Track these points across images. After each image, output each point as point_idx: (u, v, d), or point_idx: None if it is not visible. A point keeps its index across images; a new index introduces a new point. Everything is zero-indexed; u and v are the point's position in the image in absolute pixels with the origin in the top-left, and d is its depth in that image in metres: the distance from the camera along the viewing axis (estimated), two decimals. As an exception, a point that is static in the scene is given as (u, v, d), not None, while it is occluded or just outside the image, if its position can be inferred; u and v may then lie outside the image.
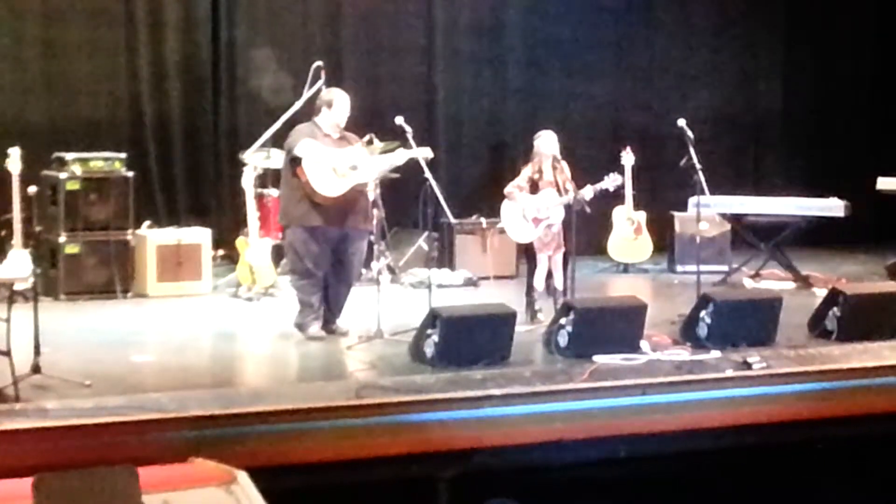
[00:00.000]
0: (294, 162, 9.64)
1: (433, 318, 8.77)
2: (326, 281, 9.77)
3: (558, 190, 10.37)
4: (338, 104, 9.83)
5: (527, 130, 11.88)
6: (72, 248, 11.36)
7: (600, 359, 8.71)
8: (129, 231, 11.60)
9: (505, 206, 10.55)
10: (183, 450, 6.84)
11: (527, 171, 10.51)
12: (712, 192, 10.92)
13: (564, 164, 10.50)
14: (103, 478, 6.24)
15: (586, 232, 11.20)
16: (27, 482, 6.09)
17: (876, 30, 16.18)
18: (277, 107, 12.16)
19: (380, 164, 10.03)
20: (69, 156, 11.48)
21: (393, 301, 10.69)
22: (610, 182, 10.35)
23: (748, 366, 8.62)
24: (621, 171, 12.85)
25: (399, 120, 10.08)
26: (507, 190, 10.52)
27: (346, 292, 9.90)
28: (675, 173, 11.48)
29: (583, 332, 8.96)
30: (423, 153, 9.95)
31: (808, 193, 13.34)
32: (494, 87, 14.70)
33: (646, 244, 13.66)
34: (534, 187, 10.42)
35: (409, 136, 9.97)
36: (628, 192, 13.27)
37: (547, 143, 10.51)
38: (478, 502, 7.73)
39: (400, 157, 10.02)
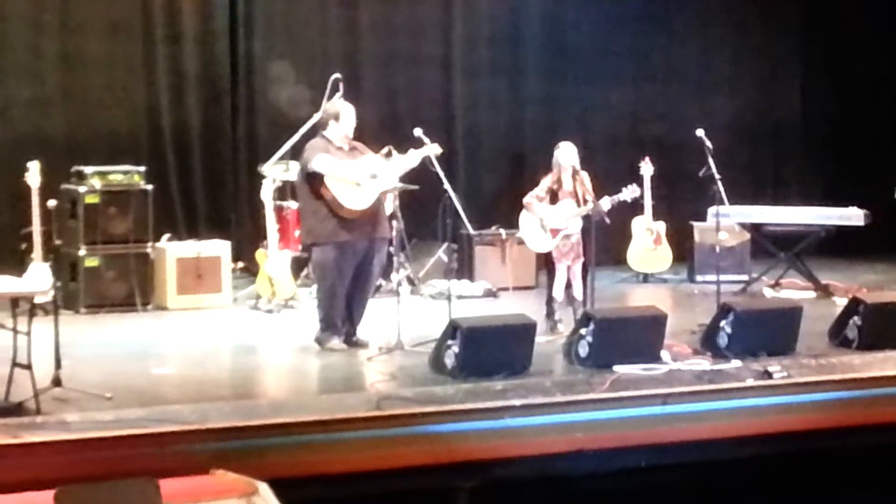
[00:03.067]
0: (315, 180, 9.59)
1: (453, 329, 8.77)
2: (347, 294, 9.75)
3: (577, 201, 10.38)
4: (344, 116, 9.83)
5: (545, 140, 11.87)
6: (91, 262, 11.37)
7: (621, 369, 8.70)
8: (149, 244, 11.61)
9: (523, 217, 10.56)
10: (204, 462, 6.85)
11: (546, 182, 10.51)
12: (731, 202, 10.91)
13: (584, 175, 10.51)
14: (124, 490, 6.25)
15: (606, 242, 11.19)
16: (49, 495, 6.10)
17: (893, 36, 16.12)
18: (296, 119, 12.14)
19: (396, 169, 10.02)
20: (88, 169, 11.50)
21: (413, 312, 10.69)
22: (628, 194, 10.37)
23: (769, 375, 8.59)
24: (640, 182, 12.85)
25: (418, 131, 10.10)
26: (525, 200, 10.52)
27: (365, 302, 9.88)
28: (693, 183, 11.46)
29: (603, 342, 8.95)
30: (433, 150, 9.95)
31: (828, 202, 13.33)
32: (513, 97, 14.70)
33: (665, 254, 13.63)
34: (553, 197, 10.43)
35: (421, 134, 9.99)
36: (647, 202, 13.24)
37: (566, 154, 10.51)
38: (498, 513, 7.74)
39: (413, 157, 9.96)
